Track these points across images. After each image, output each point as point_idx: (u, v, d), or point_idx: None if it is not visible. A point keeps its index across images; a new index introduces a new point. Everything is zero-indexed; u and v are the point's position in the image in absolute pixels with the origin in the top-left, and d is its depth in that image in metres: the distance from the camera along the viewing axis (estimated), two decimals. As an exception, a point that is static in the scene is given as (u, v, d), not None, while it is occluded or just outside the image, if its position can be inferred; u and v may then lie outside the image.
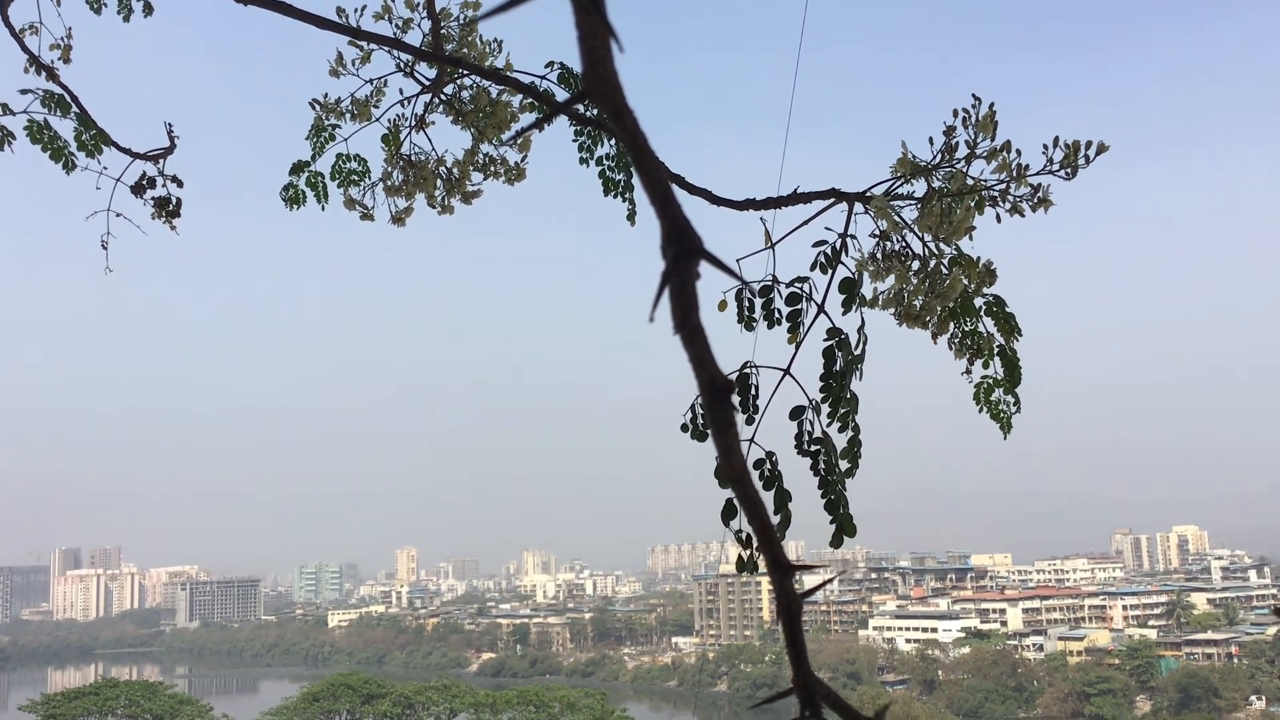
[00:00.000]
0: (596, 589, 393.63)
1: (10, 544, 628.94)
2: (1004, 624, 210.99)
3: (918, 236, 4.90)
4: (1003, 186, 4.78)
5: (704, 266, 1.20)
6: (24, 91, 7.71)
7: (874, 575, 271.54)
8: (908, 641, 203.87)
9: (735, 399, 5.10)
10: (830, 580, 1.87)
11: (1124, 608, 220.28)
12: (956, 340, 5.04)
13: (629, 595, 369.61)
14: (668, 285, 1.16)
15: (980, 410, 5.22)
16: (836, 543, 4.85)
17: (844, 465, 4.86)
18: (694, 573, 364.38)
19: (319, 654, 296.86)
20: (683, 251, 1.16)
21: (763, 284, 5.16)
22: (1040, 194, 4.76)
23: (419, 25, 6.60)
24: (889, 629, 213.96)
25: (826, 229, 4.99)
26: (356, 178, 6.91)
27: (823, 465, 4.84)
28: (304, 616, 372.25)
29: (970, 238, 4.79)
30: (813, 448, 4.84)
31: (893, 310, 4.92)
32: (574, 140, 6.54)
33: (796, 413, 4.85)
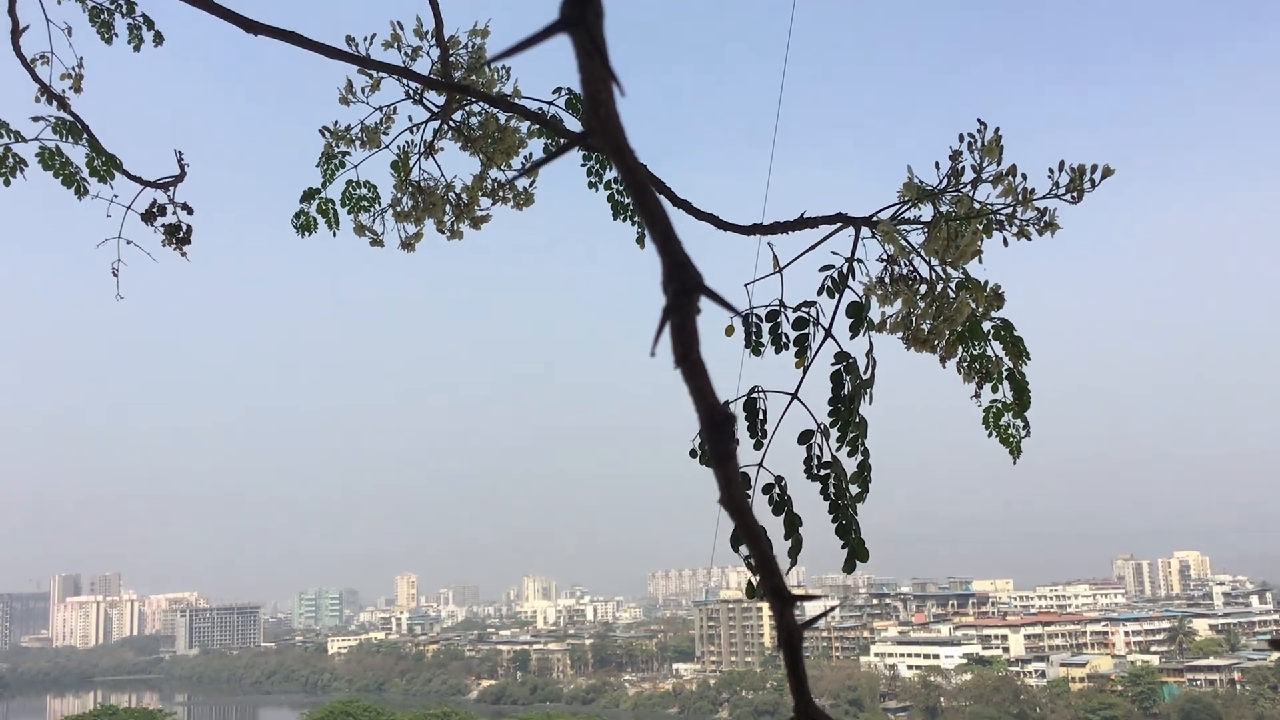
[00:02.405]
0: (597, 615, 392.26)
1: (10, 570, 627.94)
2: (1006, 650, 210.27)
3: (925, 260, 4.95)
4: (1009, 210, 4.83)
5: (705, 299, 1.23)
6: (36, 119, 7.79)
7: (875, 601, 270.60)
8: (910, 668, 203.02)
9: (738, 427, 5.11)
10: (832, 610, 1.90)
11: (1126, 634, 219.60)
12: (965, 364, 5.07)
13: (630, 621, 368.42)
14: (669, 321, 1.19)
15: (990, 435, 5.24)
16: (849, 568, 4.86)
17: (854, 490, 4.88)
18: (695, 598, 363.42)
19: (319, 681, 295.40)
20: (683, 288, 1.19)
21: (770, 309, 5.20)
22: (1047, 217, 4.80)
23: (428, 53, 6.68)
24: (891, 655, 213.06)
25: (833, 253, 5.04)
26: (367, 204, 6.97)
27: (833, 490, 4.86)
28: (304, 643, 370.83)
29: (980, 261, 4.83)
30: (822, 472, 4.86)
31: (901, 334, 4.96)
32: (583, 165, 6.60)
33: (805, 437, 4.87)
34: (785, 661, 1.38)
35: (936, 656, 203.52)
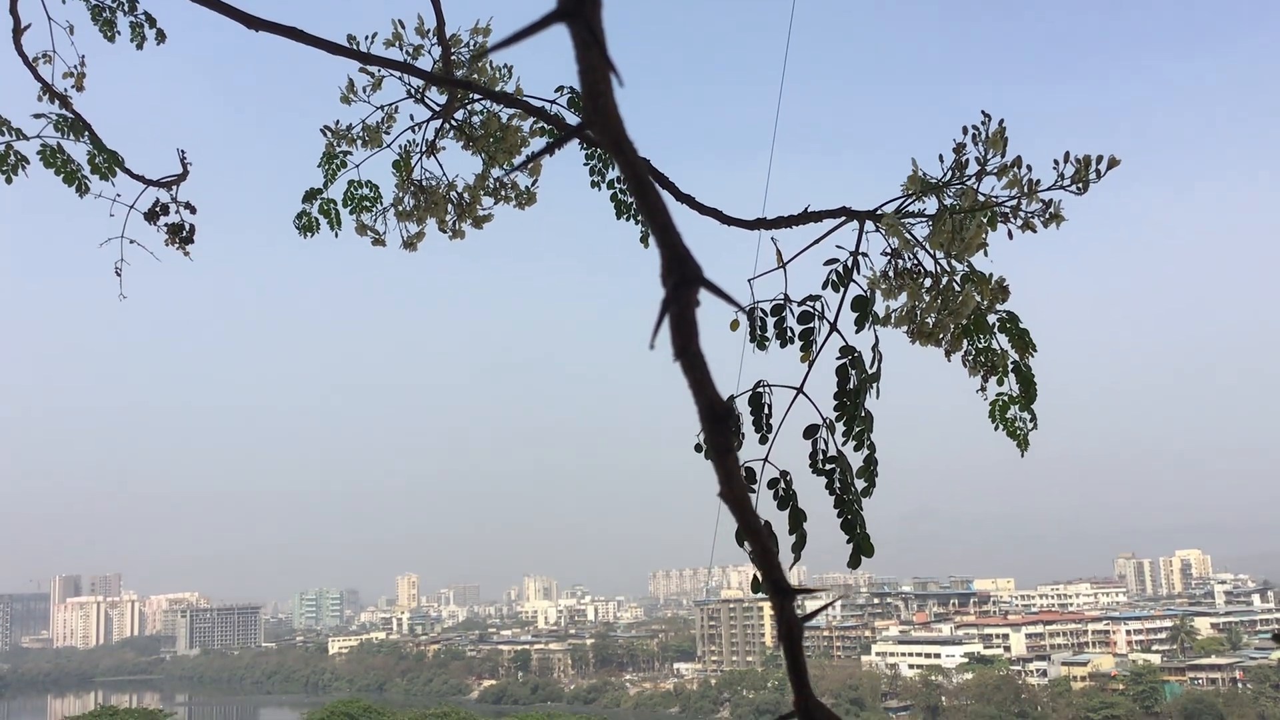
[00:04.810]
0: (598, 614, 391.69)
1: (11, 571, 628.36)
2: (1007, 649, 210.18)
3: (929, 254, 4.92)
4: (1014, 202, 4.80)
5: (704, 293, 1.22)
6: (37, 116, 7.77)
7: (876, 600, 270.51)
8: (911, 667, 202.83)
9: (739, 420, 5.13)
10: (831, 604, 1.88)
11: (1127, 632, 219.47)
12: (970, 358, 5.05)
13: (631, 621, 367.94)
14: (668, 313, 1.18)
15: (996, 428, 5.23)
16: (854, 563, 4.83)
17: (860, 484, 4.85)
18: (696, 598, 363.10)
19: (319, 681, 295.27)
20: (682, 280, 1.18)
21: (774, 303, 5.17)
22: (1052, 209, 4.78)
23: (429, 51, 6.65)
24: (892, 654, 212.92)
25: (838, 247, 5.01)
26: (368, 204, 6.94)
27: (838, 484, 4.83)
28: (304, 643, 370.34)
29: (986, 253, 4.80)
30: (827, 466, 4.83)
31: (906, 328, 4.93)
32: (585, 164, 6.57)
33: (810, 431, 4.84)
34: (785, 655, 1.38)
35: (938, 656, 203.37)
